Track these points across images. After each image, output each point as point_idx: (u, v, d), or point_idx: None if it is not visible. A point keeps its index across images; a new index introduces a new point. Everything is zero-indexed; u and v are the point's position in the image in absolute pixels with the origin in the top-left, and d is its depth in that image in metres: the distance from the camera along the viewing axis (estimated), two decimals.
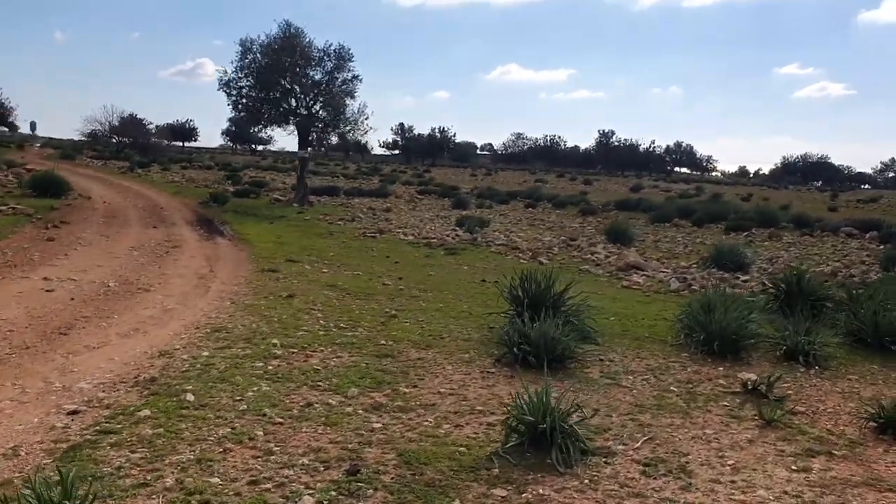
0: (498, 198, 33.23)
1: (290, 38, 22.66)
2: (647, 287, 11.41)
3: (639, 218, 26.71)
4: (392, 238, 16.40)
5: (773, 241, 20.88)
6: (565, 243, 16.96)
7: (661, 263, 14.69)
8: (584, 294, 8.09)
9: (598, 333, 7.61)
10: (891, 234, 20.02)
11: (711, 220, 24.96)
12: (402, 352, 6.45)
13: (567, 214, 28.63)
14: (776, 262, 15.32)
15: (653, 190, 56.94)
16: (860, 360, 7.23)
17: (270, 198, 25.27)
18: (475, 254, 14.66)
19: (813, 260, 16.30)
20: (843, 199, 57.98)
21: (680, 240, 20.14)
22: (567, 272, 12.74)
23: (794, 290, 9.07)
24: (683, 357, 6.92)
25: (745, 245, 19.41)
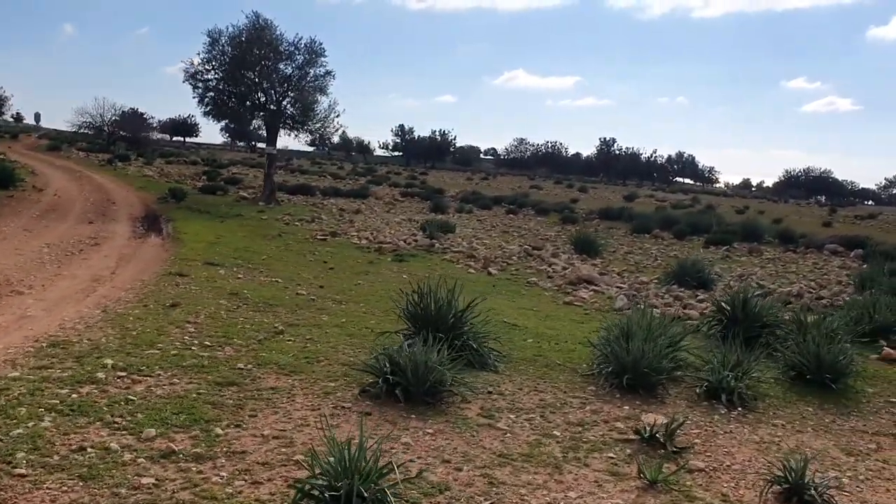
0: (481, 202, 32.38)
1: (259, 30, 21.83)
2: (591, 304, 10.52)
3: (619, 228, 25.81)
4: (343, 242, 15.54)
5: (753, 256, 19.96)
6: (527, 253, 16.07)
7: (620, 277, 13.80)
8: (503, 311, 7.20)
9: (503, 358, 6.75)
10: (875, 253, 19.08)
11: (694, 232, 24.05)
12: (258, 378, 5.57)
13: (548, 222, 27.75)
14: (746, 280, 14.42)
15: (648, 199, 56.02)
16: (796, 399, 6.35)
17: (237, 195, 24.42)
18: (425, 261, 13.78)
19: (787, 278, 15.40)
20: (841, 215, 56.95)
21: (654, 252, 19.23)
22: (513, 284, 11.89)
23: (738, 315, 8.19)
24: (589, 391, 6.04)
25: (721, 259, 18.54)
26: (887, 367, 7.69)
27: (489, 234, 21.09)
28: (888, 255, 19.00)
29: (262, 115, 22.89)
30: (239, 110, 22.54)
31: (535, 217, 29.50)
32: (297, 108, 22.31)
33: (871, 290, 12.30)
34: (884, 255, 18.90)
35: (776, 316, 8.24)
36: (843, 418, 5.98)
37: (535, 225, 26.01)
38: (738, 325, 8.14)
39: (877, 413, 6.18)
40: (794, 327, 7.82)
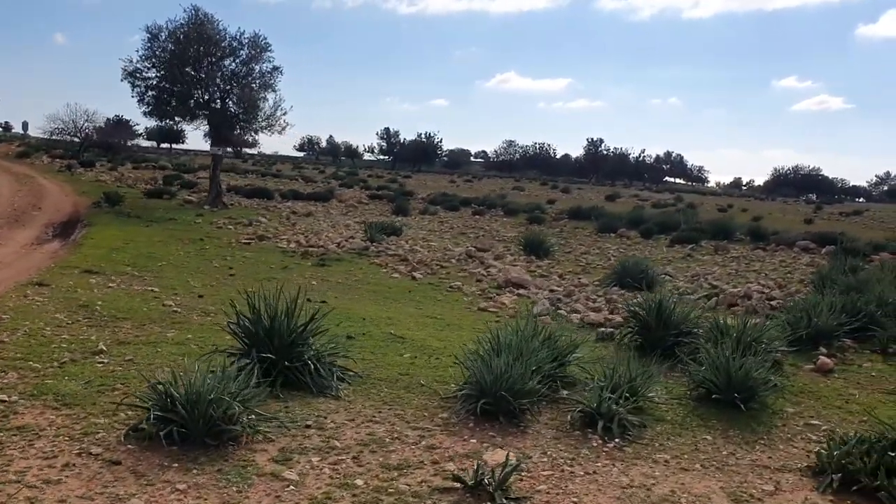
0: (449, 204, 31.29)
1: (198, 25, 20.74)
2: (509, 310, 9.45)
3: (586, 228, 24.76)
4: (268, 246, 14.45)
5: (718, 254, 18.93)
6: (469, 255, 15.00)
7: (560, 279, 12.75)
8: (401, 320, 6.13)
9: (358, 380, 5.69)
10: (845, 250, 18.06)
11: (662, 231, 23.01)
12: (15, 414, 4.50)
13: (513, 223, 26.69)
14: (698, 280, 13.38)
15: (630, 199, 55.02)
16: (696, 425, 5.30)
17: (182, 199, 23.30)
18: (348, 266, 12.70)
19: (746, 277, 14.35)
20: (826, 212, 56.12)
21: (612, 252, 18.18)
22: (434, 290, 10.83)
23: (651, 323, 7.14)
24: (439, 420, 4.97)
25: (682, 259, 17.52)
26: (819, 380, 6.65)
27: (442, 236, 20.03)
28: (858, 251, 18.03)
29: (205, 114, 21.77)
30: (180, 109, 21.38)
31: (502, 218, 28.44)
32: (240, 106, 21.18)
33: (827, 289, 11.30)
34: (853, 251, 17.93)
35: (695, 323, 7.18)
36: (747, 449, 4.93)
37: (499, 226, 24.95)
38: (651, 333, 7.10)
39: (790, 440, 5.12)
40: (713, 335, 6.76)
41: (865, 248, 19.08)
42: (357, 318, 8.09)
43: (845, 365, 7.20)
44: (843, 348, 7.77)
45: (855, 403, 6.01)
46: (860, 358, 7.50)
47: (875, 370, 7.06)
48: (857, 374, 6.93)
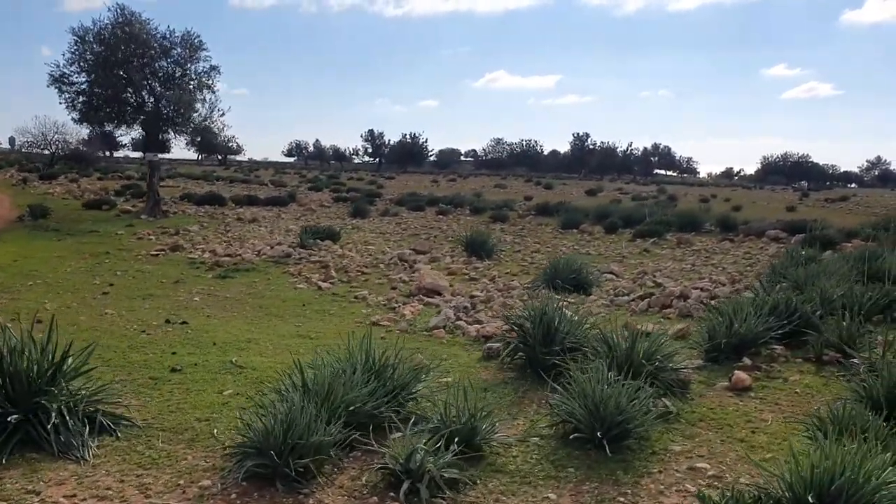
0: (414, 204, 30.10)
1: (124, 24, 19.54)
2: (406, 323, 8.27)
3: (549, 224, 23.60)
4: (178, 258, 13.30)
5: (681, 247, 17.80)
6: (401, 258, 13.84)
7: (491, 283, 11.60)
8: (270, 340, 4.97)
9: (131, 431, 4.53)
10: (815, 238, 16.93)
11: (627, 224, 21.86)
12: None
13: (478, 221, 25.52)
14: (643, 278, 12.23)
15: (612, 193, 53.88)
16: (543, 477, 4.14)
17: (119, 209, 22.10)
18: (255, 276, 11.55)
19: (700, 273, 13.22)
20: (813, 199, 55.12)
21: (565, 250, 17.04)
22: (335, 302, 9.67)
23: (536, 337, 5.99)
24: (196, 490, 3.80)
25: (639, 254, 16.37)
26: (730, 402, 5.49)
27: (389, 238, 18.86)
28: (828, 239, 16.91)
29: (140, 118, 20.58)
30: (112, 115, 20.19)
31: (466, 217, 27.26)
32: (172, 108, 19.96)
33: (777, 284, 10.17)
34: (823, 240, 16.81)
35: (586, 335, 6.02)
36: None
37: (461, 225, 23.77)
38: (533, 350, 5.95)
39: (660, 495, 3.96)
40: (600, 351, 5.61)
41: (837, 236, 17.95)
42: (207, 343, 6.93)
43: (769, 379, 6.05)
44: (772, 357, 6.61)
45: (764, 433, 4.86)
46: (789, 369, 6.34)
47: (803, 384, 5.90)
48: (779, 390, 5.77)
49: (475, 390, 5.39)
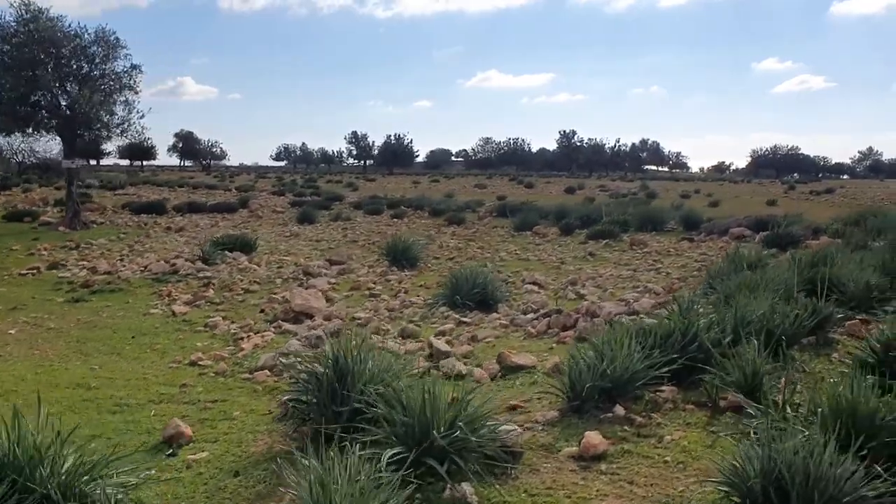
0: (372, 206, 28.60)
1: (28, 21, 18.00)
2: (233, 363, 6.75)
3: (505, 226, 22.12)
4: (48, 277, 11.84)
5: (634, 248, 16.33)
6: (305, 272, 12.36)
7: (392, 300, 10.09)
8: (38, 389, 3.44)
9: None
10: (779, 237, 15.46)
11: (585, 225, 20.38)
12: None
13: (433, 224, 24.06)
14: (566, 290, 10.73)
15: (593, 190, 52.43)
16: None
17: (40, 220, 20.58)
18: (116, 298, 10.07)
19: (639, 280, 11.73)
20: (799, 192, 53.78)
21: (506, 255, 15.59)
22: (177, 330, 8.14)
23: (324, 394, 4.50)
24: None
25: (582, 258, 14.89)
26: (569, 478, 3.99)
27: (321, 245, 17.38)
28: (791, 238, 15.46)
29: (55, 122, 19.04)
30: (20, 120, 18.65)
31: (423, 220, 25.78)
32: (86, 111, 18.39)
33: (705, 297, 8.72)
34: (787, 237, 15.38)
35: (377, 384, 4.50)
36: None
37: (411, 229, 22.27)
38: (318, 412, 4.45)
39: None
40: (390, 410, 4.10)
41: (804, 232, 16.48)
42: None
43: (638, 439, 4.55)
44: (656, 403, 5.12)
45: None
46: (673, 421, 4.85)
47: (680, 447, 4.40)
48: (644, 458, 4.27)
49: (222, 475, 3.92)
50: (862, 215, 17.94)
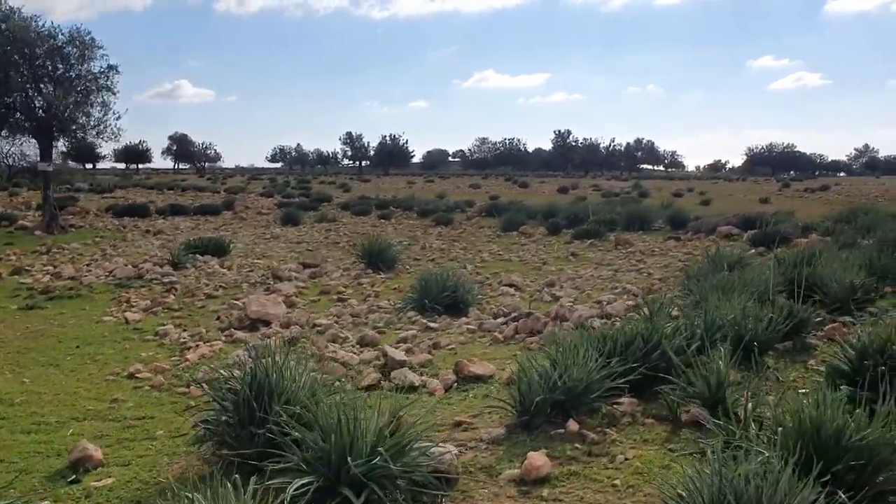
0: (359, 207, 28.21)
1: (1, 21, 17.60)
2: (171, 376, 6.35)
3: (492, 226, 21.74)
4: (9, 283, 11.42)
5: (619, 248, 15.96)
6: (274, 275, 11.98)
7: (361, 304, 9.71)
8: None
9: None
10: (766, 235, 15.07)
11: (572, 224, 20.00)
12: None
13: (420, 224, 23.68)
14: (542, 292, 10.35)
15: (586, 190, 52.05)
16: None
17: (17, 224, 20.19)
18: (73, 305, 9.66)
19: (618, 281, 11.35)
20: (793, 189, 53.45)
21: (487, 256, 15.21)
22: (125, 339, 7.76)
23: (240, 415, 4.11)
24: None
25: (564, 259, 14.51)
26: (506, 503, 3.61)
27: (300, 247, 16.99)
28: (780, 236, 15.05)
29: (30, 125, 18.65)
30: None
31: (410, 220, 25.39)
32: (61, 113, 17.98)
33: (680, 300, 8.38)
34: (774, 236, 14.97)
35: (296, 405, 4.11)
36: None
37: (397, 230, 21.88)
38: (233, 432, 4.07)
39: None
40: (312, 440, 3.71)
41: (793, 231, 16.11)
42: None
43: (588, 458, 4.16)
44: (613, 417, 4.74)
45: None
46: (629, 437, 4.46)
47: (633, 467, 4.02)
48: (592, 481, 3.89)
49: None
50: (853, 212, 17.57)
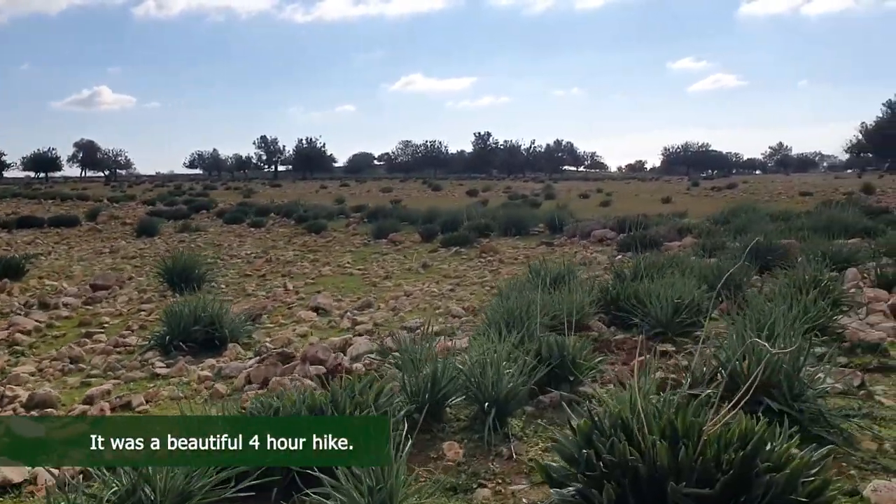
0: (233, 215, 26.05)
1: None
2: None
3: (366, 233, 20.04)
4: None
5: (485, 256, 14.51)
6: (42, 302, 9.96)
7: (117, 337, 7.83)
8: None
9: None
10: (634, 239, 13.81)
11: (448, 229, 18.46)
12: None
13: (292, 232, 21.81)
14: (344, 318, 8.69)
15: (496, 193, 50.92)
16: None
17: None
18: None
19: (456, 297, 9.80)
20: (701, 188, 53.65)
21: (329, 270, 13.49)
22: None
23: None
24: None
25: (420, 269, 12.92)
26: None
27: (132, 261, 14.91)
28: (650, 240, 13.85)
29: None
30: None
31: (284, 228, 23.44)
32: None
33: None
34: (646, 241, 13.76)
35: None
36: None
37: (262, 239, 19.94)
38: None
39: None
40: None
41: (668, 234, 14.96)
42: None
43: None
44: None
45: None
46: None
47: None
48: None
49: None
50: (733, 212, 16.59)
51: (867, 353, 5.94)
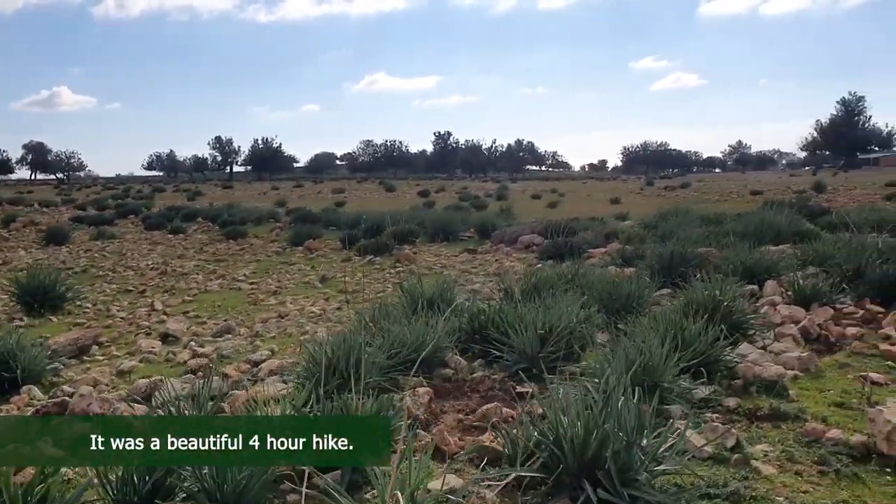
0: (155, 221, 24.60)
1: None
2: None
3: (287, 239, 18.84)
4: None
5: (399, 265, 13.44)
6: None
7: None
8: None
9: None
10: (557, 246, 12.85)
11: (369, 235, 17.34)
12: None
13: (210, 238, 20.51)
14: (189, 346, 7.52)
15: (450, 193, 49.93)
16: None
17: None
18: None
19: (336, 316, 8.70)
20: (656, 187, 53.28)
21: (200, 281, 12.29)
22: None
23: None
24: None
25: (318, 283, 11.78)
26: None
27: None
28: (574, 248, 12.88)
29: None
30: None
31: (205, 234, 22.10)
32: None
33: None
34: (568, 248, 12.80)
35: None
36: None
37: (172, 247, 18.62)
38: None
39: None
40: None
41: (594, 239, 14.02)
42: None
43: None
44: None
45: None
46: None
47: None
48: None
49: None
50: (663, 215, 15.73)
51: (762, 394, 4.96)
